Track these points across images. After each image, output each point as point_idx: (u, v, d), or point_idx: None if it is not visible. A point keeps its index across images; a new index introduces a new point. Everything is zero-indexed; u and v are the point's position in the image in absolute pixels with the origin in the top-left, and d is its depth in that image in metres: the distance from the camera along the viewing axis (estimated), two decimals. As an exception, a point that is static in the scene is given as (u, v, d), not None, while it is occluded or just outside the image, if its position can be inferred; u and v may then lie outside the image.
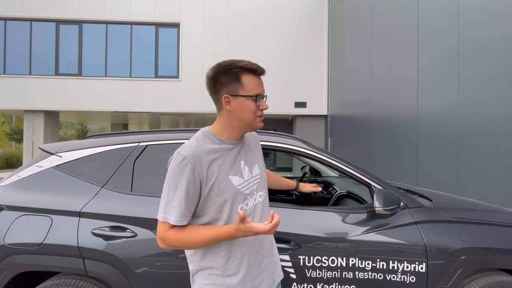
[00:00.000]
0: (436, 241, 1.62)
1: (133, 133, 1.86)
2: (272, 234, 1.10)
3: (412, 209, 1.71)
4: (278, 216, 0.98)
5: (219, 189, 1.03)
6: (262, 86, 1.09)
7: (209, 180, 1.02)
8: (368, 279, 1.59)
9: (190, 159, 1.01)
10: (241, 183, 1.08)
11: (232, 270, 1.06)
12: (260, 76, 1.10)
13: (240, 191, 1.07)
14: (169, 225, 1.02)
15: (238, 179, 1.07)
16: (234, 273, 1.06)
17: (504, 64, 3.96)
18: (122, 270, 1.53)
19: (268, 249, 1.16)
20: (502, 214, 1.86)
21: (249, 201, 1.10)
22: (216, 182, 1.03)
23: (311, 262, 1.58)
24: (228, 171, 1.06)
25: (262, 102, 1.09)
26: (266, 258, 1.15)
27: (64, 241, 1.54)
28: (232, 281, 1.05)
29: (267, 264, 1.15)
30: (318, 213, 1.69)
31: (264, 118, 1.13)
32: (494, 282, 1.60)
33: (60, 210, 1.60)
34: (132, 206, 1.62)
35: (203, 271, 1.08)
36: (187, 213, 1.02)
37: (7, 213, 1.61)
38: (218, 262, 1.05)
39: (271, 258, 1.18)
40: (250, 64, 1.06)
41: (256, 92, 1.06)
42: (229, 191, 1.04)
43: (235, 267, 1.06)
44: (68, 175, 1.72)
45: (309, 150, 1.80)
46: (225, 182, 1.04)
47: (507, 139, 3.90)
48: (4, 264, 1.53)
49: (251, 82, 1.06)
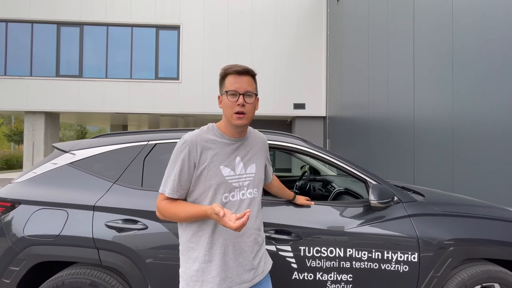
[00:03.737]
0: (427, 233, 1.73)
1: (142, 132, 1.96)
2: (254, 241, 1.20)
3: (405, 203, 1.82)
4: (248, 215, 1.03)
5: (208, 174, 1.16)
6: (239, 84, 1.17)
7: (201, 164, 1.16)
8: (364, 268, 1.69)
9: (188, 143, 1.16)
10: (231, 175, 1.19)
11: (210, 256, 1.15)
12: (242, 76, 1.18)
13: (227, 181, 1.18)
14: (164, 196, 1.18)
15: (228, 171, 1.19)
16: (210, 260, 1.15)
17: (496, 67, 4.10)
18: (134, 260, 1.63)
19: (249, 252, 1.20)
20: (489, 208, 1.98)
21: (236, 194, 1.19)
22: (207, 168, 1.16)
23: (311, 252, 1.68)
24: (221, 161, 1.18)
25: (240, 98, 1.15)
26: (243, 256, 1.19)
27: (80, 233, 1.64)
28: (208, 266, 1.15)
29: (245, 264, 1.19)
30: (318, 208, 1.79)
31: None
32: (482, 271, 1.71)
33: (76, 204, 1.70)
34: (143, 200, 1.72)
35: (186, 253, 1.19)
36: (179, 188, 1.16)
37: (25, 207, 1.71)
38: (200, 246, 1.16)
39: (251, 262, 1.20)
40: (233, 67, 1.18)
41: (230, 89, 1.16)
42: (216, 178, 1.16)
43: (212, 253, 1.15)
44: (81, 172, 1.82)
45: (308, 148, 1.90)
46: (215, 170, 1.17)
47: (499, 139, 4.03)
48: (23, 255, 1.63)
49: (230, 82, 1.18)
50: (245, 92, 1.17)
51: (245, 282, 1.19)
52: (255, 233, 1.24)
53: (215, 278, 1.14)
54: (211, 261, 1.15)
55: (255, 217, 1.24)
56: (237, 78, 1.17)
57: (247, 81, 1.18)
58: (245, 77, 1.18)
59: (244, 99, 1.16)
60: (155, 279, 1.62)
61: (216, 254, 1.15)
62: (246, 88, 1.17)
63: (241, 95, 1.16)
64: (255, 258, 1.23)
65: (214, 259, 1.15)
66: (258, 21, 11.91)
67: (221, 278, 1.14)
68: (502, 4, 3.94)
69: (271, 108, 11.70)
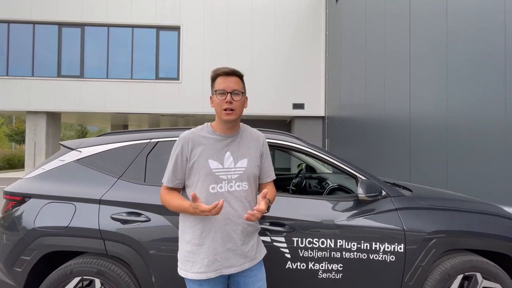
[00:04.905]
0: (413, 225, 1.84)
1: (145, 131, 2.07)
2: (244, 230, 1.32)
3: (393, 198, 1.93)
4: (222, 202, 1.18)
5: (197, 167, 1.31)
6: (226, 84, 1.30)
7: (192, 158, 1.32)
8: (354, 258, 1.80)
9: (182, 140, 1.34)
10: (219, 168, 1.32)
11: (199, 241, 1.29)
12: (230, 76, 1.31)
13: (214, 173, 1.30)
14: (164, 186, 1.36)
15: (216, 164, 1.32)
16: (200, 244, 1.29)
17: (488, 68, 4.21)
18: (137, 250, 1.74)
19: (237, 239, 1.31)
20: (472, 203, 2.09)
21: (224, 185, 1.31)
22: (197, 161, 1.31)
23: (303, 243, 1.79)
24: (210, 156, 1.32)
25: (227, 96, 1.29)
26: (231, 242, 1.30)
27: (87, 225, 1.76)
28: (198, 249, 1.29)
29: (234, 249, 1.30)
30: (311, 201, 1.90)
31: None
32: (464, 261, 1.82)
33: (83, 198, 1.82)
34: (145, 194, 1.83)
35: (182, 236, 1.36)
36: (174, 178, 1.34)
37: (35, 201, 1.83)
38: (192, 231, 1.32)
39: (241, 248, 1.31)
40: (221, 69, 1.33)
41: (219, 88, 1.30)
42: (203, 170, 1.30)
43: (202, 238, 1.29)
44: (87, 168, 1.93)
45: (303, 146, 2.02)
46: (203, 163, 1.31)
47: (491, 137, 4.14)
48: (34, 245, 1.74)
49: (219, 82, 1.32)
50: (232, 90, 1.30)
51: (234, 266, 1.30)
52: (244, 223, 1.33)
53: (204, 260, 1.27)
54: (201, 244, 1.28)
55: (242, 208, 1.32)
56: (225, 79, 1.31)
57: (234, 81, 1.32)
58: (233, 78, 1.32)
59: (231, 97, 1.29)
60: (157, 268, 1.73)
61: (205, 239, 1.28)
62: (233, 87, 1.30)
63: (229, 94, 1.29)
64: (245, 246, 1.34)
65: (204, 243, 1.28)
66: (258, 21, 12.02)
67: (209, 260, 1.27)
68: (494, 7, 4.05)
69: (270, 108, 11.81)
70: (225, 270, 1.29)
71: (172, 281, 1.69)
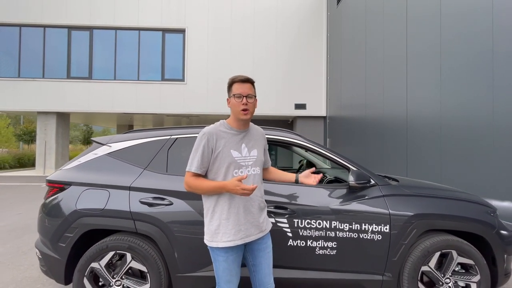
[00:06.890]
0: (397, 209, 2.14)
1: (165, 128, 2.39)
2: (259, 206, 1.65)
3: (380, 186, 2.23)
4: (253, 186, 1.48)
5: (222, 156, 1.58)
6: (243, 89, 1.60)
7: (217, 149, 1.58)
8: (346, 237, 2.11)
9: (208, 134, 1.59)
10: (239, 157, 1.63)
11: (227, 215, 1.60)
12: (245, 83, 1.63)
13: (236, 161, 1.62)
14: (191, 173, 1.59)
15: (237, 153, 1.63)
16: (228, 218, 1.60)
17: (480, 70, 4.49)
18: (162, 229, 2.06)
19: (255, 213, 1.63)
20: (450, 191, 2.39)
21: (244, 170, 1.64)
22: (221, 152, 1.59)
23: (303, 224, 2.10)
24: (231, 147, 1.62)
25: (244, 99, 1.60)
26: (251, 215, 1.61)
27: (120, 207, 2.08)
28: (226, 222, 1.60)
29: (253, 221, 1.62)
30: (309, 189, 2.21)
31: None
32: (441, 240, 2.12)
33: (115, 185, 2.14)
34: (168, 182, 2.15)
35: (210, 214, 1.63)
36: (202, 167, 1.59)
37: (75, 187, 2.15)
38: (220, 208, 1.61)
39: (257, 220, 1.63)
40: (238, 77, 1.65)
41: (236, 93, 1.61)
42: (228, 159, 1.60)
43: (229, 213, 1.60)
44: (117, 160, 2.26)
45: (302, 141, 2.32)
46: (227, 152, 1.60)
47: (483, 135, 4.42)
48: (76, 224, 2.07)
49: (236, 87, 1.62)
50: (247, 94, 1.62)
51: (252, 235, 1.63)
52: (259, 200, 1.68)
53: (232, 230, 1.59)
54: (229, 218, 1.59)
55: (258, 188, 1.67)
56: (241, 85, 1.63)
57: (248, 86, 1.64)
58: (247, 84, 1.64)
59: (247, 100, 1.61)
60: (179, 244, 2.05)
61: (232, 214, 1.60)
62: (248, 92, 1.62)
63: (245, 97, 1.61)
64: (260, 218, 1.68)
65: (230, 217, 1.59)
66: (260, 24, 12.32)
67: (236, 230, 1.59)
68: (486, 9, 4.33)
69: (273, 108, 12.11)
70: (247, 239, 1.61)
71: (192, 256, 2.01)
